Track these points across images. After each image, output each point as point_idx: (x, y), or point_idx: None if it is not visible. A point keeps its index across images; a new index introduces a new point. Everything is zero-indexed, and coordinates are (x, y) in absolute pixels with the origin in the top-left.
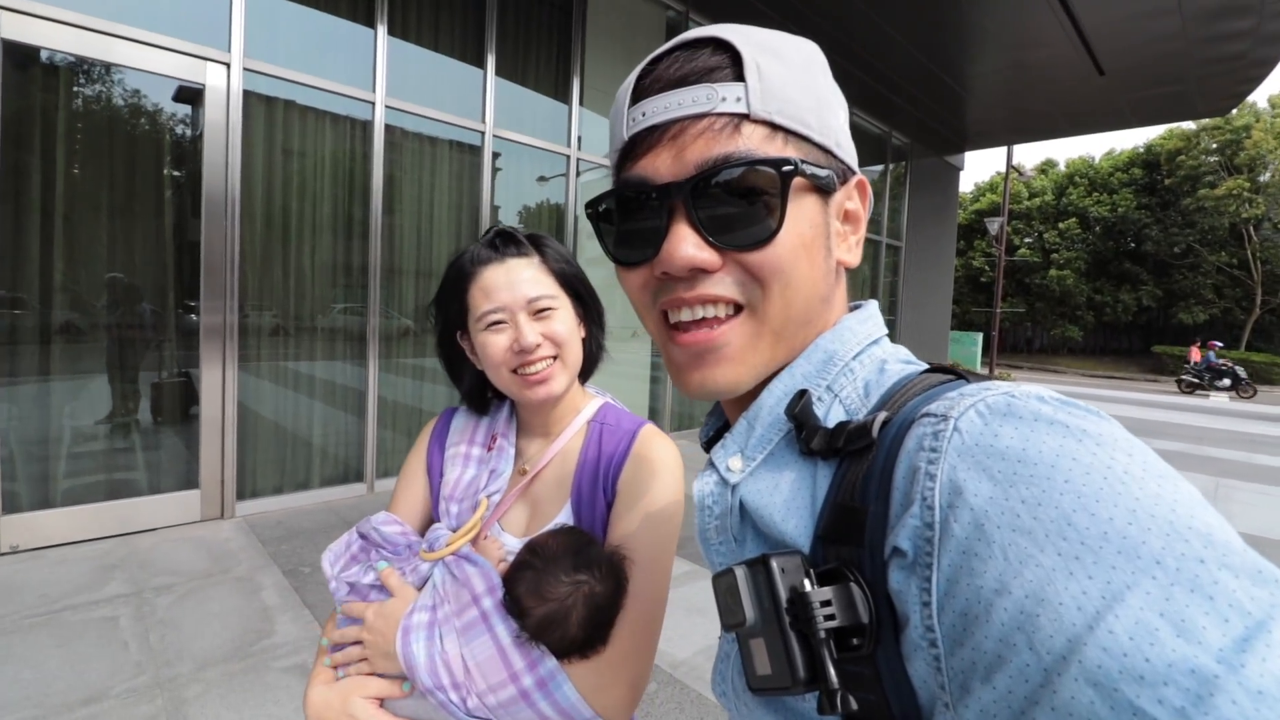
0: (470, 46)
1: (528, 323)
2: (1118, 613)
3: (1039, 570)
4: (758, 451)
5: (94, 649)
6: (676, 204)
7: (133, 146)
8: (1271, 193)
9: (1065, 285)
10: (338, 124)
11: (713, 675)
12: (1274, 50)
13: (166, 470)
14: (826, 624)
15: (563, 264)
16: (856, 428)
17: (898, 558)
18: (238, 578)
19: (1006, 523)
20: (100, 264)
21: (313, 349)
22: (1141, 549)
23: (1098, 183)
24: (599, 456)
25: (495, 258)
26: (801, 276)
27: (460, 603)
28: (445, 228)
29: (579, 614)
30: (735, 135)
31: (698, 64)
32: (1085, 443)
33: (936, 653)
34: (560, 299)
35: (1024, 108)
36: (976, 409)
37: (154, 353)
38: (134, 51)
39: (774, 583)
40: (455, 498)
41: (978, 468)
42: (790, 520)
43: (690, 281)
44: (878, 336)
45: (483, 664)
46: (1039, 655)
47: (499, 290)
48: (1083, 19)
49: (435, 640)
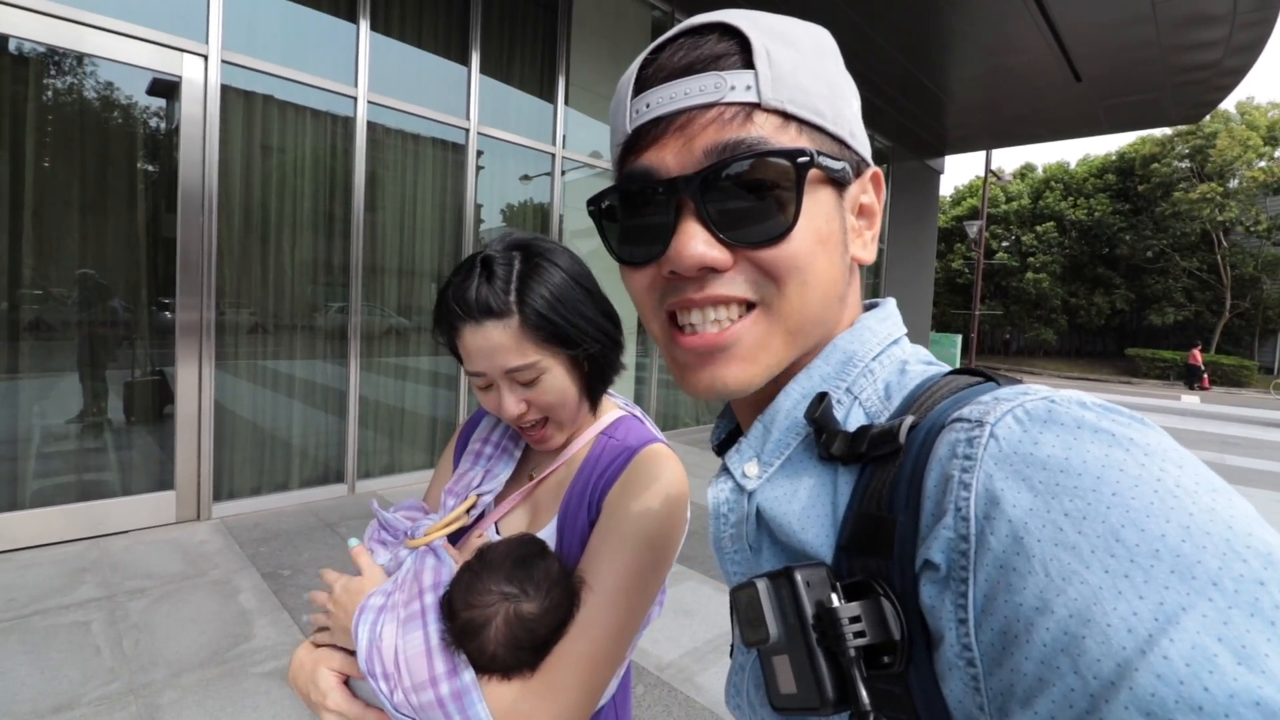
0: (455, 42)
1: (509, 392)
2: (1172, 636)
3: (1084, 588)
4: (775, 456)
5: (65, 655)
6: (684, 199)
7: (105, 140)
8: (1241, 198)
9: (1042, 288)
10: (319, 119)
11: (726, 688)
12: (1244, 59)
13: (140, 471)
14: (856, 641)
15: (546, 319)
16: (881, 432)
17: (929, 571)
18: (214, 581)
19: (1048, 536)
20: (71, 260)
21: (292, 347)
22: (1197, 568)
23: (1073, 188)
24: (593, 470)
25: (474, 317)
26: (819, 274)
27: (409, 594)
28: (428, 225)
29: (499, 629)
30: (746, 125)
31: (704, 51)
32: (1133, 452)
33: (975, 672)
34: (545, 361)
35: (1003, 113)
36: (1014, 414)
37: (127, 351)
38: (107, 41)
39: (799, 597)
40: (454, 492)
41: (1016, 477)
42: (810, 529)
43: (700, 281)
44: (897, 336)
45: (411, 660)
46: (1085, 680)
47: (477, 357)
48: (1061, 25)
49: (378, 626)
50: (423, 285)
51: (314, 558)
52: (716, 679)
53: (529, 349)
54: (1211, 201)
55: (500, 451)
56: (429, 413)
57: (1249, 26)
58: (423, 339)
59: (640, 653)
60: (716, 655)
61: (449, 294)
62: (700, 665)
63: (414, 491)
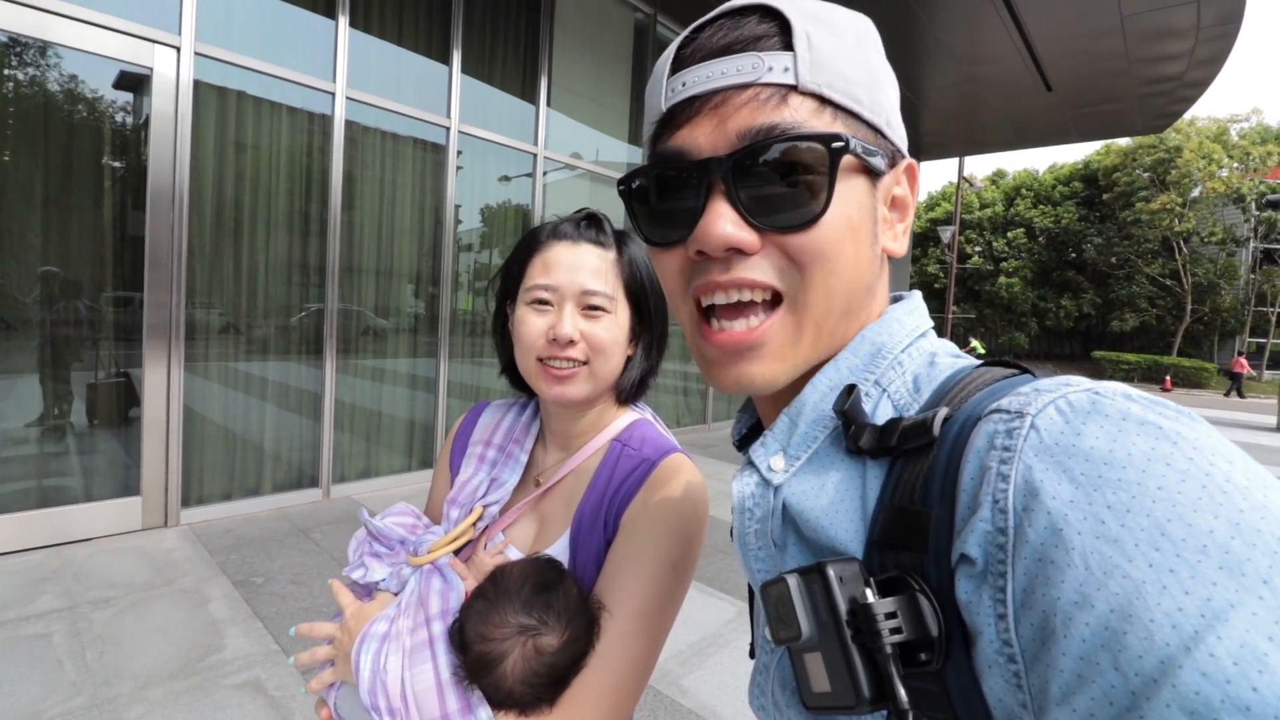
0: (435, 38)
1: (572, 313)
2: (1220, 634)
3: (1127, 582)
4: (801, 450)
5: (25, 669)
6: (715, 180)
7: (71, 134)
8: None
9: (1013, 293)
10: (295, 115)
11: (750, 689)
12: (1207, 72)
13: (104, 476)
14: (893, 638)
15: (637, 271)
16: (913, 424)
17: (966, 565)
18: (183, 589)
19: (1089, 529)
20: (33, 257)
21: (266, 348)
22: (1246, 565)
23: (1042, 195)
24: (608, 485)
25: (572, 235)
26: (846, 264)
27: (415, 620)
28: (407, 225)
29: (517, 663)
30: (782, 107)
31: (744, 32)
32: (1181, 446)
33: (1017, 669)
34: (617, 303)
35: (976, 120)
36: (1056, 405)
37: (90, 351)
38: (73, 30)
39: (831, 593)
40: (458, 501)
41: (1057, 468)
42: (839, 524)
43: (725, 263)
44: (925, 329)
45: (420, 695)
46: (1126, 677)
47: (559, 269)
48: (1033, 36)
49: (381, 657)
50: (400, 285)
51: (287, 564)
52: (702, 682)
53: (613, 281)
54: (1171, 212)
55: (505, 456)
56: (407, 415)
57: (1211, 41)
58: (401, 340)
59: None
60: (701, 659)
61: (547, 224)
62: (685, 669)
63: (391, 496)
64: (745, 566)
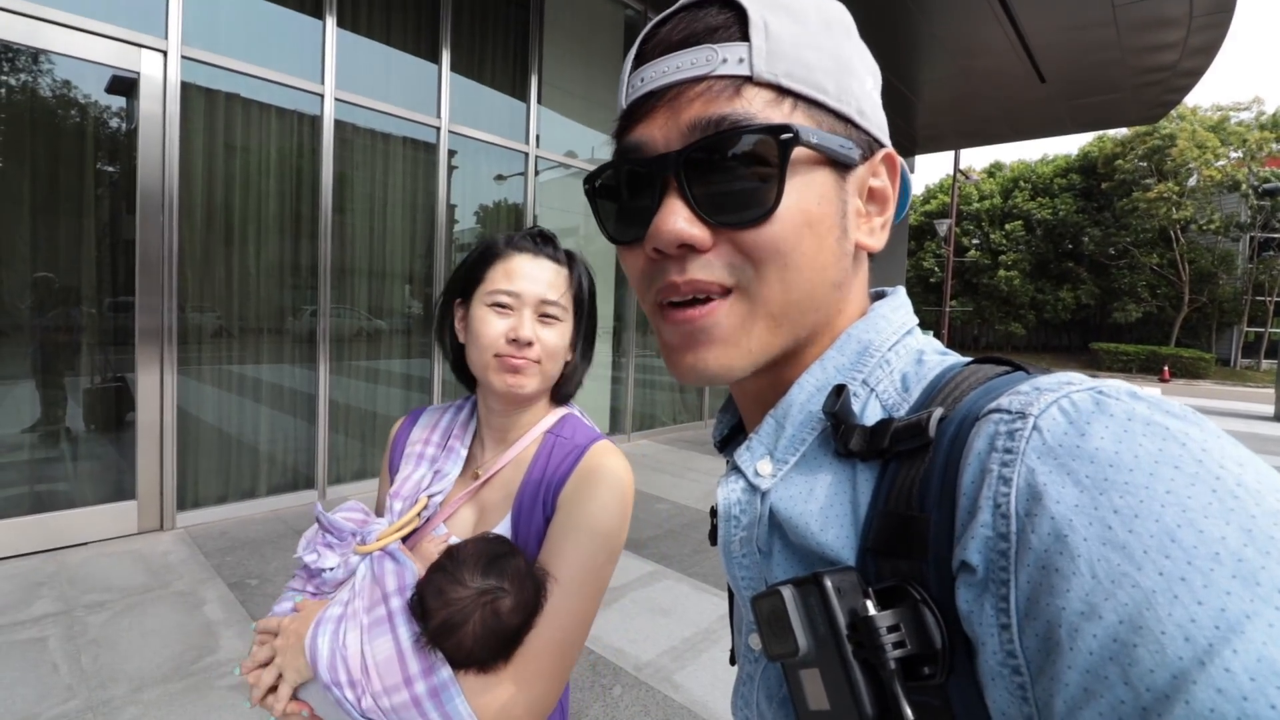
0: (425, 38)
1: (531, 318)
2: (1235, 647)
3: (1136, 592)
4: (789, 454)
5: (20, 673)
6: (669, 176)
7: (61, 139)
8: (1197, 197)
9: (1013, 285)
10: (284, 117)
11: (733, 699)
12: (1200, 62)
13: (100, 480)
14: (896, 652)
15: (583, 287)
16: (906, 425)
17: (966, 574)
18: (178, 592)
19: (1095, 535)
20: (25, 263)
21: (259, 351)
22: (1261, 574)
23: (1039, 186)
24: (545, 470)
25: (532, 249)
26: (804, 260)
27: (371, 599)
28: (399, 226)
29: (476, 624)
30: (734, 100)
31: (700, 24)
32: (1189, 448)
33: (1022, 680)
34: (567, 314)
35: (971, 113)
36: (1060, 405)
37: (85, 357)
38: (62, 36)
39: (830, 605)
40: (400, 495)
41: (1061, 471)
42: (829, 530)
43: (681, 261)
44: (911, 326)
45: (380, 664)
46: (1136, 692)
47: (521, 278)
48: (1026, 28)
49: (339, 635)
50: (394, 287)
51: (282, 566)
52: (694, 678)
53: (565, 295)
54: (1168, 201)
55: (445, 451)
56: (402, 415)
57: (1204, 30)
58: (394, 341)
59: (618, 653)
60: (694, 654)
61: (504, 236)
62: (678, 664)
63: None
64: (729, 575)
